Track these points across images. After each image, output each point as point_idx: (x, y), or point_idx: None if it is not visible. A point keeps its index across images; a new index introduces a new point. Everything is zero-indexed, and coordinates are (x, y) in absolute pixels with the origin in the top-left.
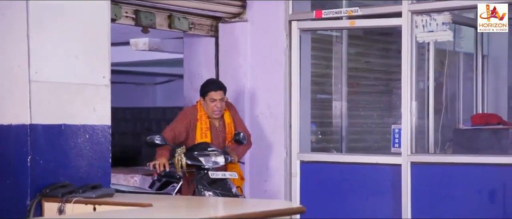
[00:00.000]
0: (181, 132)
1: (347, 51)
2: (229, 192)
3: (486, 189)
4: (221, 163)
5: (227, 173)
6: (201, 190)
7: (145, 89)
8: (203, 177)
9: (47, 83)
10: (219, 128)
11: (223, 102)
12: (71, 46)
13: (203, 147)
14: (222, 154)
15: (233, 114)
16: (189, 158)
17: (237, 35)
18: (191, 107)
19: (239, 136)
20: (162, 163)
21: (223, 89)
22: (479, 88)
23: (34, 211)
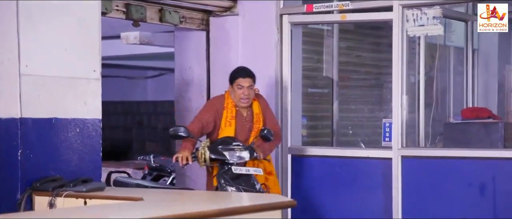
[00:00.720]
0: (209, 122)
1: (338, 45)
2: (252, 188)
3: (476, 182)
4: (247, 158)
5: (251, 169)
6: (223, 185)
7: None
8: (226, 172)
9: (37, 77)
10: (246, 118)
11: (251, 90)
12: (61, 39)
13: (228, 141)
14: (247, 149)
15: (264, 107)
16: (212, 152)
17: (228, 29)
18: (219, 96)
19: (264, 132)
20: (185, 156)
21: (252, 77)
22: (469, 82)
23: (25, 205)
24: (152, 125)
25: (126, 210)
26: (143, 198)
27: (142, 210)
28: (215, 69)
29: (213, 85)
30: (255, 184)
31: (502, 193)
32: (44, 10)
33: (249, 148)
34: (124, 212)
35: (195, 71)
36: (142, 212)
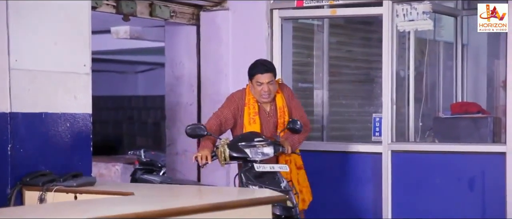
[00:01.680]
0: (228, 119)
1: (329, 40)
2: (277, 187)
3: (465, 177)
4: (270, 154)
5: (276, 166)
6: (246, 184)
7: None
8: (249, 170)
9: (27, 71)
10: (270, 113)
11: (272, 85)
12: (51, 34)
13: (250, 137)
14: (271, 144)
15: (288, 98)
16: (233, 150)
17: (219, 23)
18: (239, 91)
19: (293, 124)
20: (204, 155)
21: (272, 71)
22: (458, 77)
23: (15, 200)
24: (143, 120)
25: (117, 205)
26: (133, 193)
27: (133, 205)
28: (205, 64)
29: (204, 79)
30: (281, 182)
31: (491, 188)
32: (34, 4)
33: (273, 143)
34: (114, 207)
35: (185, 66)
36: (133, 207)
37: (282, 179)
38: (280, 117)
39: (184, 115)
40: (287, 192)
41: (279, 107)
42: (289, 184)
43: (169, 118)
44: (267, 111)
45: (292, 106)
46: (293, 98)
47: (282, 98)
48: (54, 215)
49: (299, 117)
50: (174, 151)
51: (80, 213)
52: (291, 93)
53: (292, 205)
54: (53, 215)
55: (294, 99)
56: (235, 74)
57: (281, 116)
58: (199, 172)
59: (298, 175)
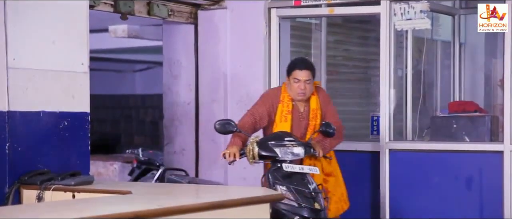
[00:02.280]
0: (263, 117)
1: (326, 39)
2: (305, 189)
3: (463, 175)
4: (301, 155)
5: (305, 167)
6: (273, 184)
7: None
8: (277, 170)
9: (25, 70)
10: (303, 114)
11: (309, 84)
12: (49, 33)
13: (280, 136)
14: (301, 145)
15: (323, 101)
16: (262, 148)
17: (217, 22)
18: (275, 88)
19: (326, 126)
20: (233, 153)
21: (311, 70)
22: (456, 76)
23: (13, 199)
24: (141, 119)
25: (115, 204)
26: (131, 192)
27: (130, 204)
28: (203, 63)
29: (201, 78)
30: (309, 184)
31: (489, 186)
32: (31, 3)
33: (304, 144)
34: (112, 206)
35: (183, 65)
36: (130, 206)
37: (311, 181)
38: (312, 119)
39: (182, 114)
40: (316, 194)
41: (312, 109)
42: (318, 187)
43: (167, 117)
44: (301, 111)
45: (327, 111)
46: (329, 103)
47: (317, 101)
48: (52, 214)
49: (334, 123)
50: (172, 150)
51: (78, 212)
52: (327, 98)
53: (320, 207)
54: (51, 214)
55: (330, 104)
56: (233, 73)
57: (313, 118)
58: (197, 170)
59: (327, 184)
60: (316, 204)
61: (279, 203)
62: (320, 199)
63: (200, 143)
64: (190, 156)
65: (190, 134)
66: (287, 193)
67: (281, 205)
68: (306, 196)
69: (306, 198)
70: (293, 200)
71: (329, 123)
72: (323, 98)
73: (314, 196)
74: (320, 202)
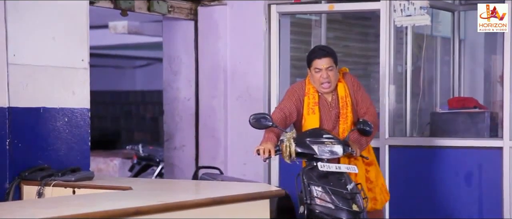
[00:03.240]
0: (292, 112)
1: (326, 35)
2: (342, 189)
3: (462, 171)
4: (339, 153)
5: (342, 166)
6: (308, 185)
7: (124, 73)
8: (312, 169)
9: (25, 66)
10: (331, 103)
11: (332, 72)
12: (49, 29)
13: (318, 133)
14: (340, 143)
15: (353, 88)
16: (299, 145)
17: (217, 18)
18: (299, 82)
19: (363, 125)
20: (267, 149)
21: (331, 56)
22: (456, 72)
23: (13, 194)
24: (141, 115)
25: (115, 200)
26: (132, 188)
27: (131, 199)
28: (203, 59)
29: (201, 74)
30: (347, 183)
31: (488, 182)
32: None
33: (342, 142)
34: (112, 202)
35: (183, 61)
36: (131, 202)
37: (349, 180)
38: (343, 107)
39: (182, 110)
40: (355, 195)
41: (341, 97)
42: (357, 187)
43: (167, 113)
44: (329, 101)
45: (358, 97)
46: (359, 88)
47: (345, 88)
48: (52, 210)
49: (366, 110)
50: (172, 146)
51: (78, 207)
52: (356, 83)
53: (358, 209)
54: (52, 210)
55: (360, 90)
56: (233, 69)
57: (343, 106)
58: (197, 166)
59: (368, 174)
60: (354, 206)
61: (315, 205)
62: (358, 200)
63: (200, 139)
64: (190, 152)
65: (190, 130)
66: (322, 194)
67: (316, 207)
68: (343, 197)
69: (344, 199)
70: (329, 201)
71: (367, 121)
72: (351, 84)
73: (352, 197)
74: (358, 203)
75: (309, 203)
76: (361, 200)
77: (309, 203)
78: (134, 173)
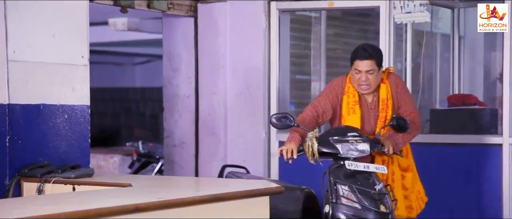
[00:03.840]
0: (326, 110)
1: (326, 32)
2: (370, 189)
3: (462, 168)
4: (366, 152)
5: (371, 165)
6: (334, 184)
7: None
8: (339, 168)
9: (25, 63)
10: (371, 105)
11: (372, 75)
12: (49, 26)
13: (343, 131)
14: (367, 141)
15: (396, 90)
16: (323, 144)
17: (216, 15)
18: (339, 78)
19: (397, 121)
20: (290, 149)
21: (374, 58)
22: (455, 69)
23: (13, 191)
24: (141, 112)
25: (115, 196)
26: (131, 184)
27: (131, 196)
28: (203, 56)
29: (201, 71)
30: (375, 184)
31: (488, 179)
32: None
33: (371, 140)
34: (112, 198)
35: (183, 58)
36: (131, 198)
37: (377, 181)
38: (382, 110)
39: (182, 107)
40: (383, 196)
41: (382, 99)
42: (386, 188)
43: (167, 110)
44: (369, 102)
45: (401, 99)
46: (404, 91)
47: (388, 90)
48: (52, 207)
49: (408, 114)
50: (172, 143)
51: (78, 204)
52: (401, 86)
53: (386, 210)
54: (52, 207)
55: (405, 92)
56: (233, 66)
57: (383, 109)
58: (197, 162)
59: (404, 180)
60: (382, 207)
61: (340, 204)
62: (387, 201)
63: (200, 136)
64: (190, 149)
65: (190, 127)
66: (349, 193)
67: (342, 206)
68: (371, 197)
69: (371, 200)
70: (356, 201)
71: (401, 117)
72: (395, 86)
73: (380, 197)
74: (387, 204)
75: (334, 202)
76: (389, 201)
77: (335, 202)
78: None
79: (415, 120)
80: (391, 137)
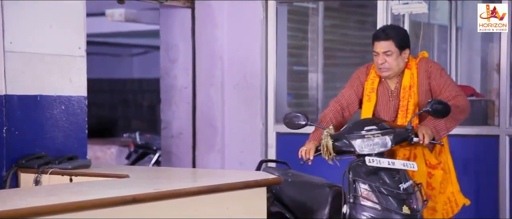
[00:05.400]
0: (351, 101)
1: (323, 23)
2: (393, 188)
3: (459, 159)
4: (387, 146)
5: (397, 162)
6: (353, 182)
7: (122, 60)
8: (359, 165)
9: (22, 54)
10: (393, 93)
11: (391, 57)
12: (46, 16)
13: (360, 124)
14: (388, 133)
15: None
16: (339, 141)
17: (214, 6)
18: (366, 65)
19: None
20: (308, 149)
21: (392, 39)
22: (453, 60)
23: (10, 182)
24: (138, 103)
25: (112, 187)
26: (128, 175)
27: (128, 187)
28: (200, 47)
29: (198, 63)
30: (401, 182)
31: (484, 170)
32: None
33: (396, 131)
34: (110, 189)
35: (180, 49)
36: (128, 189)
37: (404, 179)
38: (403, 98)
39: (179, 99)
40: (409, 195)
41: (404, 87)
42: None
43: (164, 101)
44: (391, 89)
45: (439, 85)
46: (441, 75)
47: (413, 76)
48: (49, 198)
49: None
50: (169, 134)
51: (75, 195)
52: (436, 70)
53: (410, 212)
54: (49, 198)
55: (442, 77)
56: (230, 57)
57: (404, 98)
58: (194, 154)
59: (432, 178)
60: (405, 208)
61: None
62: (412, 201)
63: (197, 127)
64: (187, 140)
65: (187, 118)
66: (369, 193)
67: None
68: (395, 197)
69: (394, 200)
70: (376, 202)
71: (438, 100)
72: (426, 73)
73: (405, 197)
74: (411, 205)
75: (352, 202)
76: (416, 201)
77: (353, 202)
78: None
79: (460, 103)
80: (431, 124)
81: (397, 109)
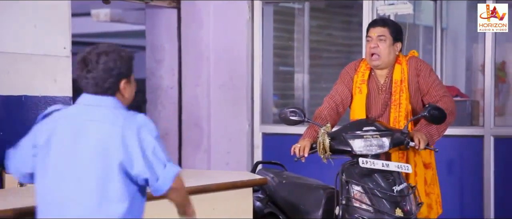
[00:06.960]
0: (345, 96)
1: (309, 23)
2: (387, 190)
3: (443, 159)
4: (385, 148)
5: (392, 164)
6: (346, 182)
7: None
8: (353, 166)
9: (6, 54)
10: (382, 87)
11: (384, 44)
12: (31, 16)
13: (358, 124)
14: (387, 135)
15: (420, 74)
16: (336, 140)
17: (200, 6)
18: (355, 61)
19: (431, 110)
20: (303, 147)
21: (388, 27)
22: (438, 61)
23: None
24: None
25: None
26: None
27: None
28: (186, 47)
29: (184, 63)
30: (395, 184)
31: (469, 170)
32: None
33: (393, 134)
34: None
35: (166, 49)
36: None
37: (399, 181)
38: (395, 93)
39: (165, 99)
40: (402, 198)
41: (395, 81)
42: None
43: (150, 101)
44: (380, 83)
45: (427, 84)
46: (429, 75)
47: (404, 72)
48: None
49: (439, 99)
50: None
51: None
52: (425, 68)
53: (403, 215)
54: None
55: (430, 76)
56: (216, 58)
57: (396, 92)
58: (180, 154)
59: (426, 175)
60: (398, 210)
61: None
62: (406, 204)
63: (183, 127)
64: (173, 141)
65: (173, 118)
66: (361, 195)
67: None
68: (388, 200)
69: (388, 202)
70: (368, 204)
71: (435, 106)
72: (415, 70)
73: (398, 200)
74: (405, 207)
75: (344, 203)
76: (410, 204)
77: (345, 204)
78: None
79: (449, 105)
80: (424, 129)
81: (386, 103)
